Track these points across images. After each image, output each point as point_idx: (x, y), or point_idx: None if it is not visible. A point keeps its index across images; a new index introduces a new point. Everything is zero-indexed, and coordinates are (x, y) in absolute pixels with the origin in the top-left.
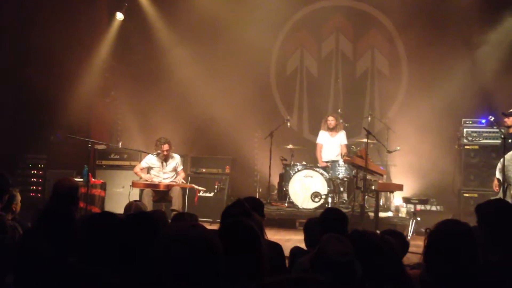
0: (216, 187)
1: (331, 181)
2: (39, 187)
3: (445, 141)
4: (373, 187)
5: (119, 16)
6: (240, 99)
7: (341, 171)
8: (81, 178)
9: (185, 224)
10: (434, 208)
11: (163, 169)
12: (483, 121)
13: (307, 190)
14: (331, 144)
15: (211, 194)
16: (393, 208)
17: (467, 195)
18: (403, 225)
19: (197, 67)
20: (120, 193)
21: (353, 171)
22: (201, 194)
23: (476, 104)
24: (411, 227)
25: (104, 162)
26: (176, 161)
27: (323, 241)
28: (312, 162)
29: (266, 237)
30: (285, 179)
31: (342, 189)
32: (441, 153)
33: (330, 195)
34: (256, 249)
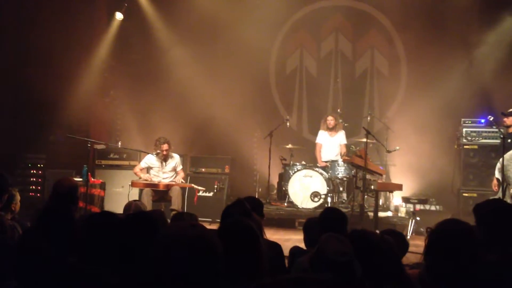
0: (215, 186)
1: (330, 181)
2: (38, 187)
3: (444, 140)
4: (372, 187)
5: (119, 16)
6: (239, 99)
7: (341, 171)
8: (81, 177)
9: (184, 223)
10: (433, 207)
11: (163, 169)
12: (482, 120)
13: (306, 189)
14: (331, 143)
15: (211, 193)
16: (392, 207)
17: (466, 194)
18: (402, 225)
19: (197, 67)
20: (119, 192)
21: (353, 171)
22: (201, 193)
23: (475, 104)
24: (410, 226)
25: (103, 161)
26: (175, 160)
27: (323, 241)
28: (311, 161)
29: (265, 237)
30: (284, 178)
31: (341, 189)
32: (440, 152)
33: (329, 194)
34: (255, 249)
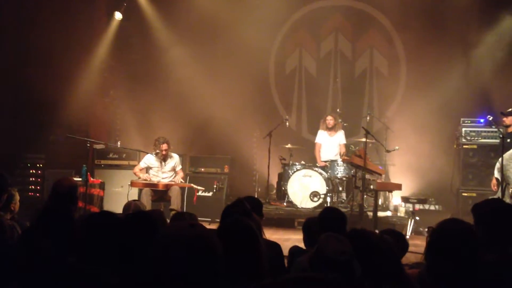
0: (215, 186)
1: (330, 181)
2: (37, 187)
3: (443, 140)
4: (371, 187)
5: (118, 15)
6: (239, 99)
7: (340, 171)
8: (80, 177)
9: (184, 223)
10: (432, 207)
11: (162, 169)
12: (482, 120)
13: (306, 189)
14: (330, 143)
15: (210, 193)
16: (391, 207)
17: (466, 194)
18: (401, 225)
19: (196, 66)
20: (118, 192)
21: (352, 171)
22: (200, 193)
23: (474, 103)
24: (409, 226)
25: (102, 161)
26: (175, 160)
27: (322, 240)
28: (311, 161)
29: (264, 237)
30: (284, 178)
31: (341, 189)
32: (439, 152)
33: (329, 194)
34: (255, 248)
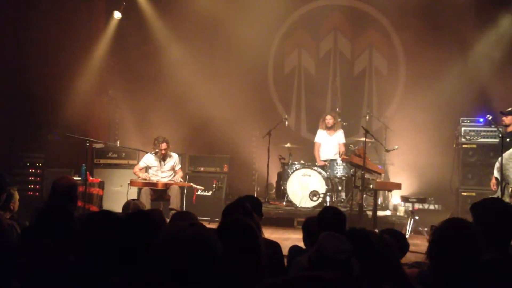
0: (214, 186)
1: (329, 180)
2: (37, 186)
3: (443, 140)
4: (371, 186)
5: (117, 15)
6: (238, 98)
7: (339, 170)
8: (79, 176)
9: (183, 223)
10: (432, 207)
11: (161, 168)
12: (481, 120)
13: (305, 189)
14: (329, 143)
15: (209, 193)
16: (391, 207)
17: (465, 193)
18: (401, 224)
19: (195, 66)
20: (118, 191)
21: (351, 170)
22: (199, 193)
23: (474, 103)
24: (409, 225)
25: (102, 161)
26: (174, 160)
27: (321, 239)
28: (310, 161)
29: (263, 236)
30: (283, 178)
31: (340, 188)
32: (439, 152)
33: (328, 194)
34: (255, 248)
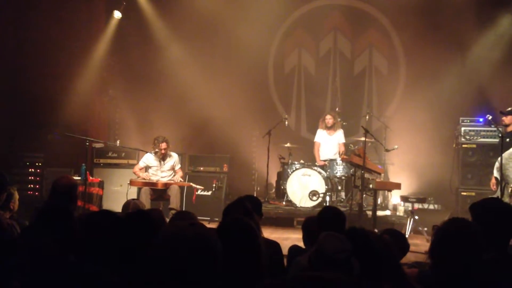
0: (214, 185)
1: (329, 180)
2: (36, 186)
3: (443, 139)
4: (371, 186)
5: (117, 14)
6: (238, 98)
7: (339, 170)
8: (79, 176)
9: (183, 222)
10: (431, 206)
11: (161, 168)
12: (481, 119)
13: (305, 188)
14: (329, 142)
15: (209, 192)
16: (391, 206)
17: (465, 193)
18: (401, 224)
19: (195, 66)
20: (118, 191)
21: (351, 170)
22: (199, 192)
23: (474, 102)
24: (408, 225)
25: (101, 160)
26: (174, 159)
27: (321, 239)
28: (310, 160)
29: (262, 236)
30: (283, 177)
31: (340, 188)
32: (438, 151)
33: (328, 193)
34: (255, 248)
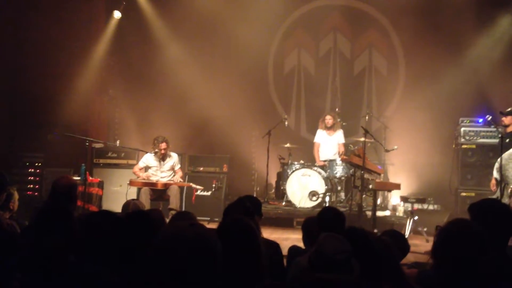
0: (213, 186)
1: (328, 180)
2: (36, 186)
3: (442, 140)
4: (370, 186)
5: (117, 14)
6: (237, 98)
7: (339, 170)
8: (79, 176)
9: (183, 223)
10: (431, 207)
11: (161, 168)
12: (481, 120)
13: (304, 189)
14: (329, 143)
15: (209, 193)
16: (390, 207)
17: (464, 194)
18: (400, 224)
19: (195, 66)
20: (117, 191)
21: (351, 170)
22: (199, 192)
23: (473, 103)
24: (408, 226)
25: (101, 160)
26: (173, 159)
27: (321, 240)
28: (309, 161)
29: (262, 236)
30: (282, 178)
31: (339, 188)
32: (438, 152)
33: (327, 194)
34: (255, 248)
